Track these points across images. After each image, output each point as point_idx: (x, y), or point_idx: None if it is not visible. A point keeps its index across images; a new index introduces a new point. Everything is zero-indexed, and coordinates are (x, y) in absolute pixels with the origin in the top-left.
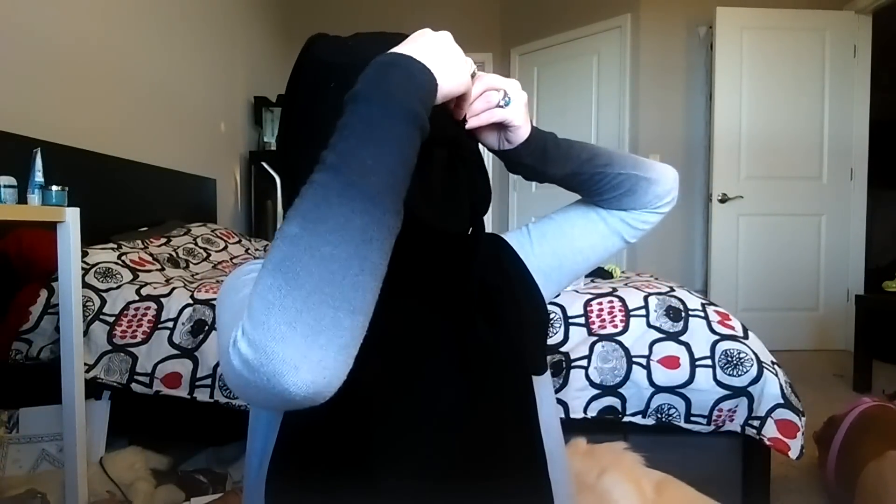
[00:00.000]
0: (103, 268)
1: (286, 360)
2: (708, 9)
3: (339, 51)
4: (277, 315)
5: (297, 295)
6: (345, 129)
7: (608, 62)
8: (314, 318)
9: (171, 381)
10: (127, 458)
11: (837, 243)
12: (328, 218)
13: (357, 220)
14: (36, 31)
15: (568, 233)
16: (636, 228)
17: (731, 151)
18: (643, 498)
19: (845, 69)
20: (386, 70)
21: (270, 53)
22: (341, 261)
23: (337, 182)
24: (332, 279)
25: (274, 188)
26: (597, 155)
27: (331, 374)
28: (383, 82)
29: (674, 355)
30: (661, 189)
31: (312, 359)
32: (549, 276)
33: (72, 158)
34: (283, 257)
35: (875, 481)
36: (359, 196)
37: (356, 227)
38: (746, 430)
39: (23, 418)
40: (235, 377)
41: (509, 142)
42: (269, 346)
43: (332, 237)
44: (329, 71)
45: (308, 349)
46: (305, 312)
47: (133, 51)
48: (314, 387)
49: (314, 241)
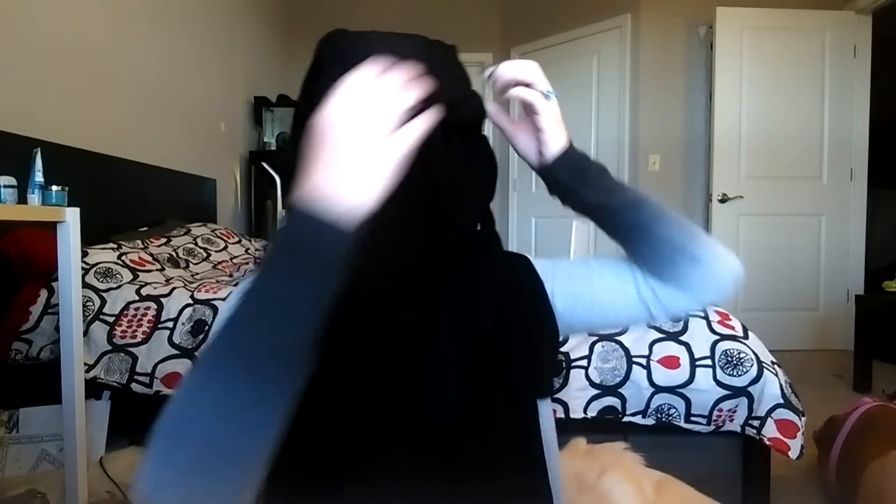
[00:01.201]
0: (103, 268)
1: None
2: (708, 9)
3: (363, 47)
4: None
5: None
6: (248, 295)
7: (608, 62)
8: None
9: (171, 381)
10: (127, 458)
11: (837, 243)
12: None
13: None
14: (36, 31)
15: (595, 283)
16: (665, 306)
17: (731, 151)
18: (643, 498)
19: (845, 69)
20: (287, 251)
21: (270, 53)
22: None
23: (231, 350)
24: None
25: (274, 188)
26: (643, 203)
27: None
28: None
29: (674, 355)
30: (709, 275)
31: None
32: (560, 315)
33: (72, 158)
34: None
35: (877, 481)
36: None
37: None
38: (746, 430)
39: (23, 418)
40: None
41: (544, 154)
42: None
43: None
44: (354, 66)
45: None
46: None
47: (133, 51)
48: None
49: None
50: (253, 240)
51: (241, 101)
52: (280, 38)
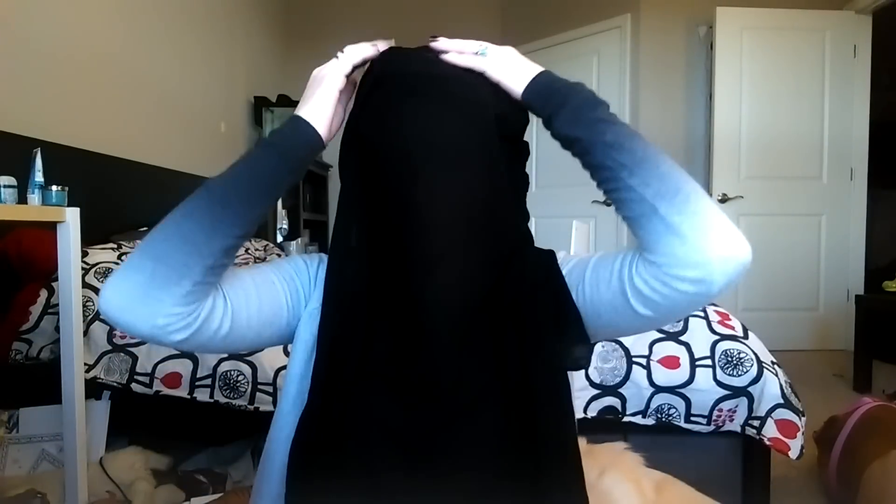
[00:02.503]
0: (103, 268)
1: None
2: (708, 9)
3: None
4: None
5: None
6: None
7: (608, 62)
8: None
9: (171, 381)
10: (127, 458)
11: (837, 243)
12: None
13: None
14: (36, 31)
15: (587, 276)
16: (638, 290)
17: (731, 151)
18: (643, 498)
19: (845, 69)
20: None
21: (270, 53)
22: (162, 230)
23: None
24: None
25: None
26: (619, 147)
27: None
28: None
29: (674, 355)
30: (685, 253)
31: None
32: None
33: (72, 158)
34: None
35: (878, 481)
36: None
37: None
38: (746, 430)
39: (23, 418)
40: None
41: (515, 96)
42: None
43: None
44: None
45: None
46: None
47: (133, 51)
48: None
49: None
50: (253, 239)
51: (241, 101)
52: (280, 38)
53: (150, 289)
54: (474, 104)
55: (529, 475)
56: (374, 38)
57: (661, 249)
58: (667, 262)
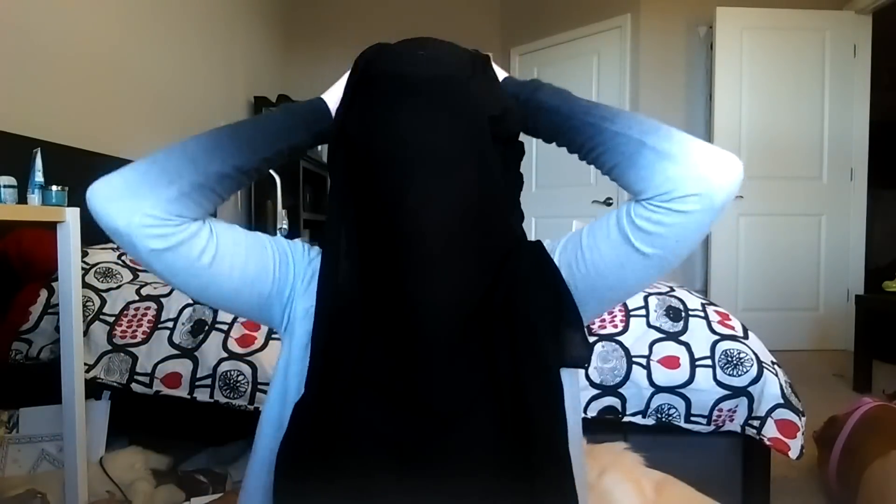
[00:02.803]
0: (103, 268)
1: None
2: (708, 9)
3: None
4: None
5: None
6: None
7: (608, 62)
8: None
9: (171, 381)
10: (127, 458)
11: (837, 243)
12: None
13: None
14: (36, 31)
15: (583, 241)
16: (641, 229)
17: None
18: (643, 498)
19: (845, 69)
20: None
21: (270, 53)
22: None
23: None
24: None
25: (274, 188)
26: (596, 107)
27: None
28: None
29: (674, 355)
30: (680, 171)
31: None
32: (573, 289)
33: (72, 158)
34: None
35: (878, 481)
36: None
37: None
38: (746, 430)
39: (23, 418)
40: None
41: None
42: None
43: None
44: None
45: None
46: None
47: (133, 51)
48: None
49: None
50: None
51: (241, 101)
52: (280, 39)
53: (137, 185)
54: (466, 106)
55: (523, 479)
56: (374, 38)
57: (657, 179)
58: (665, 189)
